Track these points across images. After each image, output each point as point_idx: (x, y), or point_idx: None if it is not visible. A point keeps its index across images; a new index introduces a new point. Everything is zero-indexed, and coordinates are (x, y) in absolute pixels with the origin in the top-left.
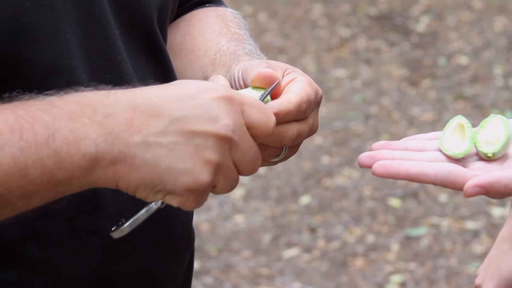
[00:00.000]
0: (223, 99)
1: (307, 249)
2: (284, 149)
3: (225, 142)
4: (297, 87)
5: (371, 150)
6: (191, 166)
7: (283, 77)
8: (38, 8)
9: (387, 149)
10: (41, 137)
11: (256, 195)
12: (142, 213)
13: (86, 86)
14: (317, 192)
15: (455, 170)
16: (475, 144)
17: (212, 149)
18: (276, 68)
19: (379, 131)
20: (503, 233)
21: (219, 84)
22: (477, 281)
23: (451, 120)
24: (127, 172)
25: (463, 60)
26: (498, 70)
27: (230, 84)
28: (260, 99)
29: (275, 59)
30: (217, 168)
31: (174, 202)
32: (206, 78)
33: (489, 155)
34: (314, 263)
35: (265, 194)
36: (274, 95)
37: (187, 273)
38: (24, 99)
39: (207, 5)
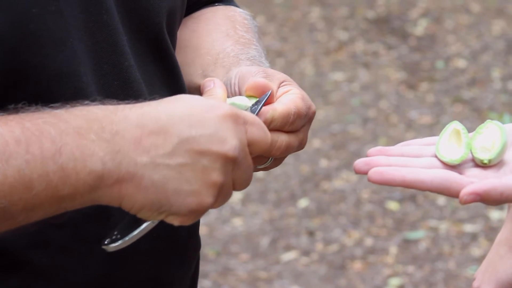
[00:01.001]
0: (229, 118)
1: (306, 252)
2: (270, 158)
3: (231, 162)
4: (287, 99)
5: (367, 156)
6: (197, 188)
7: (278, 87)
8: (46, 14)
9: (383, 155)
10: (47, 151)
11: (254, 198)
12: (139, 232)
13: (93, 100)
14: (315, 195)
15: (450, 177)
16: (471, 150)
17: (219, 170)
18: (273, 78)
19: (377, 135)
20: (500, 236)
21: (220, 101)
22: (475, 284)
23: (447, 126)
24: (133, 192)
25: (461, 63)
26: (496, 74)
27: (226, 87)
28: (251, 107)
29: (273, 62)
30: (220, 189)
31: (175, 221)
32: (205, 76)
33: (485, 161)
34: (312, 266)
35: (263, 197)
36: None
37: (193, 280)
38: (30, 110)
39: (216, 4)
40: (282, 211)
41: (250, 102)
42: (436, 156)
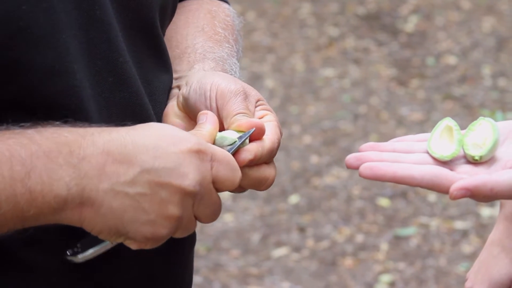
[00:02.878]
0: (195, 153)
1: (296, 249)
2: None
3: (190, 197)
4: (269, 131)
5: (358, 151)
6: (153, 218)
7: (255, 107)
8: (37, 11)
9: (374, 150)
10: (17, 174)
11: (245, 194)
12: (98, 249)
13: (65, 122)
14: (306, 191)
15: (441, 173)
16: (462, 147)
17: (176, 204)
18: (249, 97)
19: (368, 131)
20: (492, 236)
21: (189, 133)
22: (467, 284)
23: (439, 122)
24: (93, 217)
25: (451, 60)
26: (486, 70)
27: (199, 100)
28: (238, 143)
29: (263, 58)
30: (178, 222)
31: (133, 246)
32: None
33: (476, 158)
34: (303, 263)
35: (254, 193)
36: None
37: (189, 275)
38: (1, 129)
39: None
40: (273, 207)
41: (237, 135)
42: (427, 152)
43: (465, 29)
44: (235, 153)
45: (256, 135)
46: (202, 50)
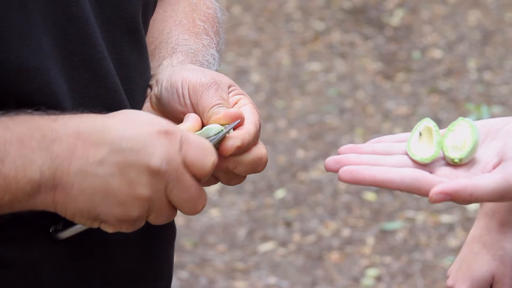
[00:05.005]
0: (163, 134)
1: (283, 243)
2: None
3: (159, 178)
4: (250, 114)
5: (338, 153)
6: (123, 199)
7: (228, 94)
8: (9, 9)
9: (354, 152)
10: None
11: (231, 189)
12: (77, 228)
13: (37, 109)
14: (292, 186)
15: (421, 177)
16: (442, 149)
17: (145, 184)
18: (220, 86)
19: (354, 125)
20: (473, 233)
21: (162, 118)
22: (449, 282)
23: (418, 123)
24: (64, 200)
25: (437, 53)
26: (472, 64)
27: (172, 99)
28: (224, 132)
29: (249, 52)
30: (149, 203)
31: (108, 229)
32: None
33: (456, 160)
34: (289, 257)
35: (240, 188)
36: None
37: (168, 270)
38: None
39: None
40: (259, 202)
41: (220, 127)
42: (407, 154)
43: (451, 23)
44: (222, 142)
45: (238, 124)
46: (175, 44)
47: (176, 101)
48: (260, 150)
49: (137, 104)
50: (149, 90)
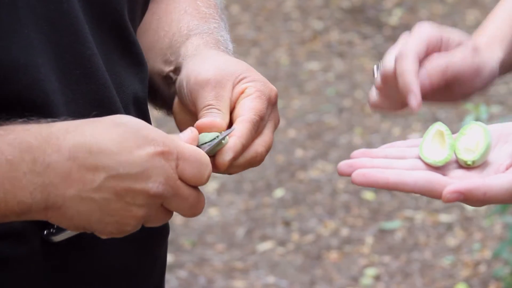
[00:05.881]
0: (159, 155)
1: (281, 243)
2: None
3: (156, 198)
4: (246, 109)
5: (350, 158)
6: (118, 219)
7: (233, 88)
8: None
9: (366, 157)
10: None
11: (230, 188)
12: (69, 233)
13: (29, 117)
14: (291, 185)
15: (434, 179)
16: (454, 151)
17: (140, 205)
18: (222, 80)
19: (353, 124)
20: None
21: (156, 130)
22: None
23: (430, 127)
24: (59, 218)
25: None
26: None
27: (182, 95)
28: (216, 142)
29: (248, 52)
30: (145, 219)
31: (102, 236)
32: (166, 61)
33: (469, 163)
34: (288, 257)
35: (239, 187)
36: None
37: (162, 266)
38: None
39: None
40: (257, 201)
41: (212, 135)
42: (419, 158)
43: (449, 22)
44: (216, 155)
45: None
46: (187, 30)
47: (184, 97)
48: (255, 147)
49: (127, 98)
50: (178, 83)
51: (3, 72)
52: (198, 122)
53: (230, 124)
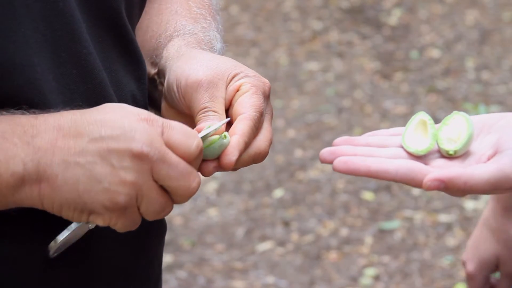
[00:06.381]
0: (143, 120)
1: (281, 243)
2: None
3: (142, 161)
4: (246, 106)
5: (333, 145)
6: (107, 186)
7: (227, 87)
8: None
9: (349, 144)
10: None
11: (229, 188)
12: (69, 234)
13: (19, 109)
14: (290, 185)
15: (415, 167)
16: (437, 141)
17: (128, 168)
18: (213, 81)
19: (352, 124)
20: (484, 214)
21: (143, 109)
22: (463, 257)
23: (413, 116)
24: (50, 192)
25: (435, 53)
26: (470, 63)
27: (172, 97)
28: (210, 130)
29: (247, 52)
30: (136, 189)
31: (98, 221)
32: (153, 64)
33: (451, 152)
34: (287, 257)
35: (238, 187)
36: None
37: (159, 267)
38: None
39: None
40: (257, 201)
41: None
42: (402, 147)
43: (449, 22)
44: (220, 156)
45: (232, 120)
46: (173, 31)
47: (178, 104)
48: (258, 144)
49: (125, 96)
50: (160, 86)
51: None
52: (198, 128)
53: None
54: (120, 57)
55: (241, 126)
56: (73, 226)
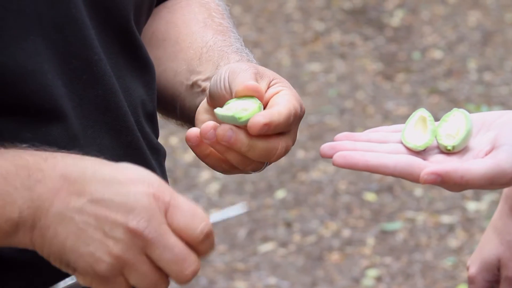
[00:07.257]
0: (150, 195)
1: (283, 244)
2: (266, 163)
3: (135, 237)
4: (284, 100)
5: (333, 140)
6: (93, 250)
7: (268, 87)
8: (6, 13)
9: (349, 140)
10: None
11: (231, 189)
12: (65, 286)
13: (31, 145)
14: (293, 186)
15: (414, 162)
16: (435, 137)
17: (119, 240)
18: (263, 76)
19: (354, 125)
20: (493, 216)
21: (157, 178)
22: (468, 263)
23: (413, 113)
24: (40, 241)
25: (437, 54)
26: (472, 65)
27: (216, 85)
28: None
29: None
30: (122, 263)
31: (81, 281)
32: (191, 71)
33: (449, 148)
34: (290, 258)
35: (241, 188)
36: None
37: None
38: None
39: None
40: (259, 202)
41: (243, 102)
42: (401, 143)
43: (451, 23)
44: (250, 119)
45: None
46: (219, 47)
47: (218, 86)
48: (277, 141)
49: (134, 102)
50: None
51: (10, 78)
52: (242, 85)
53: None
54: (129, 63)
55: (277, 108)
56: (72, 281)
